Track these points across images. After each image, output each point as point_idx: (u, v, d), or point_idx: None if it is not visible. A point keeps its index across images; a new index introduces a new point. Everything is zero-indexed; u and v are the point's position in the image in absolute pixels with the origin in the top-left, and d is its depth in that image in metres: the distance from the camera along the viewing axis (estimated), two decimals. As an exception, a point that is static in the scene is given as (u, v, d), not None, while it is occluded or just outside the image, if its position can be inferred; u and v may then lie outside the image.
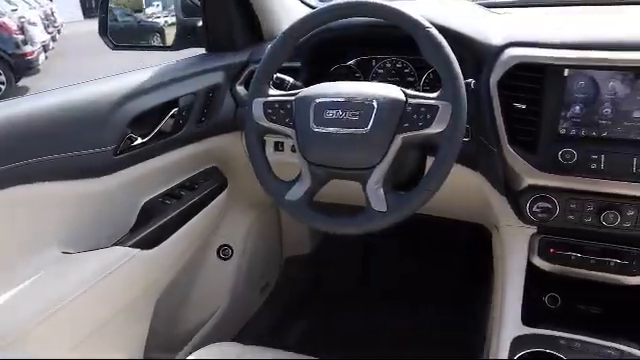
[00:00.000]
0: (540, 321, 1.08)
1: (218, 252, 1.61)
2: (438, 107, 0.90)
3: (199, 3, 1.40)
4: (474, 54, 1.09)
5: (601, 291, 1.14)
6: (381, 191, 0.94)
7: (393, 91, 0.96)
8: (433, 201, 1.28)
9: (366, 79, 1.34)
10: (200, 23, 1.44)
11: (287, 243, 1.98)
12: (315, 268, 2.06)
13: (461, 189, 1.22)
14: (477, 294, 1.60)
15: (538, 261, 1.08)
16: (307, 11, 1.16)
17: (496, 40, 1.08)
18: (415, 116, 0.92)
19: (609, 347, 0.96)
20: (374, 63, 1.33)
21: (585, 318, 1.15)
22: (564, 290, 1.18)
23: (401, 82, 1.29)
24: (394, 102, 0.94)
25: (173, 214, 1.23)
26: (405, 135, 0.92)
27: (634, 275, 1.03)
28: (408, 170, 1.08)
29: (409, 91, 0.95)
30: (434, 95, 0.93)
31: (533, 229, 1.11)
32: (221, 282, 1.64)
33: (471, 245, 1.74)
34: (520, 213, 1.07)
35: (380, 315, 1.90)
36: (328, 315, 1.95)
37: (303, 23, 1.04)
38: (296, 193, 1.01)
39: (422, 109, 0.91)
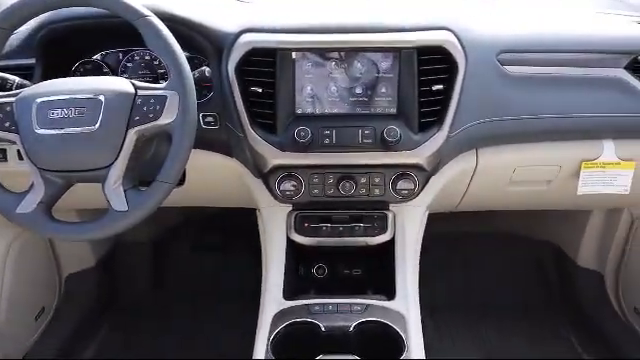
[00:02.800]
0: (306, 292, 1.15)
1: (-33, 284, 1.40)
2: (166, 97, 0.89)
3: None
4: (212, 42, 1.10)
5: (360, 255, 1.25)
6: (121, 190, 0.90)
7: (121, 84, 0.92)
8: (197, 191, 1.27)
9: (115, 74, 1.26)
10: None
11: (65, 259, 1.80)
12: (104, 280, 1.92)
13: (221, 176, 1.24)
14: None
15: (296, 237, 1.14)
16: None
17: (232, 27, 1.09)
18: (145, 108, 0.89)
19: (357, 303, 1.06)
20: (121, 57, 1.26)
21: (348, 281, 1.25)
22: (330, 259, 1.27)
23: (152, 75, 1.24)
24: (123, 95, 0.90)
25: None
26: (138, 128, 0.89)
27: (376, 235, 1.15)
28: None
29: (139, 83, 0.92)
30: (162, 85, 0.91)
31: (289, 207, 1.17)
32: None
33: None
34: (272, 193, 1.11)
35: (178, 318, 1.85)
36: (123, 326, 1.84)
37: (10, 12, 0.94)
38: (29, 204, 0.92)
39: (152, 100, 0.89)
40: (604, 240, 1.78)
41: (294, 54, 1.05)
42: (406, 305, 1.05)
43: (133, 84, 0.91)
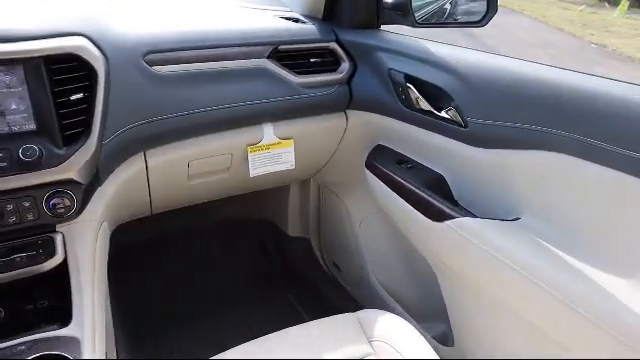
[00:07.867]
0: None
1: None
2: None
3: None
4: None
5: (47, 283, 1.14)
6: None
7: None
8: None
9: None
10: None
11: None
12: None
13: None
14: None
15: None
16: None
17: None
18: None
19: (21, 343, 0.94)
20: None
21: (31, 316, 1.13)
22: (8, 297, 1.12)
23: None
24: None
25: None
26: None
27: (44, 262, 1.05)
28: None
29: None
30: None
31: None
32: None
33: None
34: None
35: None
36: None
37: None
38: None
39: None
40: (303, 209, 1.99)
41: None
42: (82, 327, 0.99)
43: None
